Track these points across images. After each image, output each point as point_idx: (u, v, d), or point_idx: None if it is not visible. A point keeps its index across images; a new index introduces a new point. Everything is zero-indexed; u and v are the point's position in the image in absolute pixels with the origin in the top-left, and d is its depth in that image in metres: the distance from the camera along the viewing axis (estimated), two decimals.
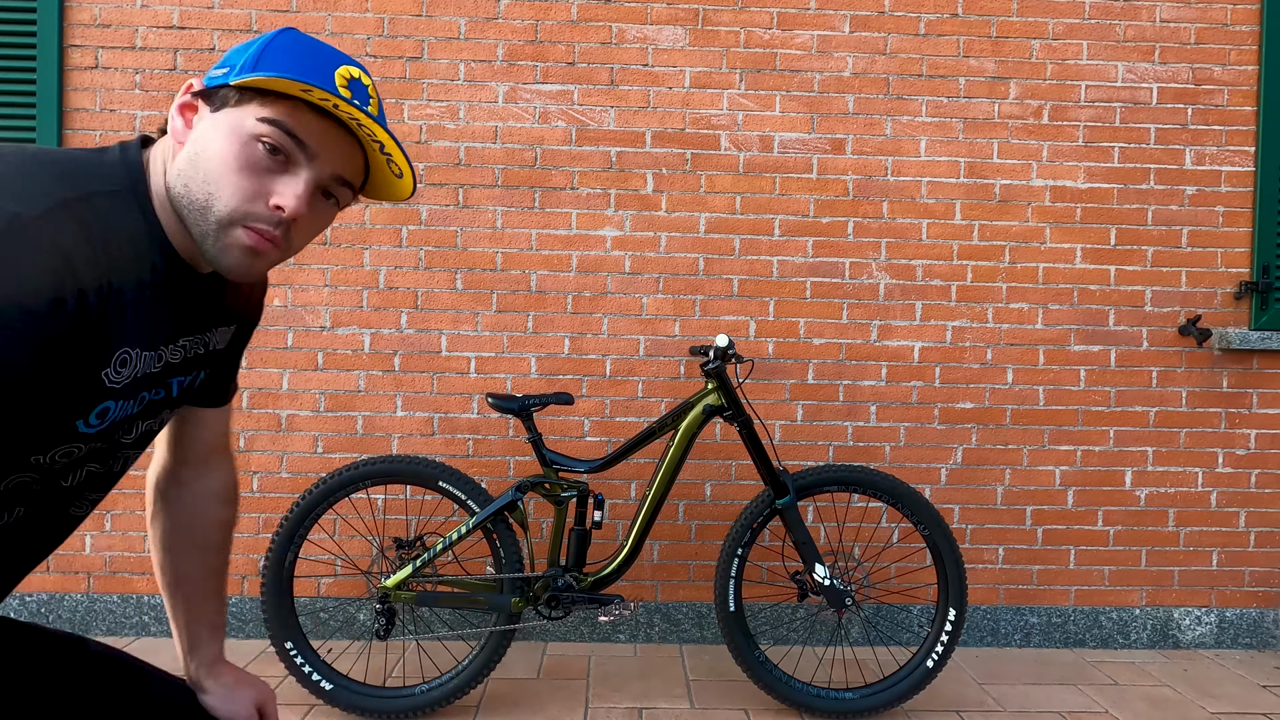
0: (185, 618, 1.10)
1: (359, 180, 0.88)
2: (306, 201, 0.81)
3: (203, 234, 0.79)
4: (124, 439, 0.88)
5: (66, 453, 0.81)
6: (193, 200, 0.79)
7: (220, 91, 0.79)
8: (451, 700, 2.23)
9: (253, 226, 0.79)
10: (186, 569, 1.10)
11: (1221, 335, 2.80)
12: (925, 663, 2.27)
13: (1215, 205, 2.85)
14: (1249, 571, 2.88)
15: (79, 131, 2.69)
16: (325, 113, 0.80)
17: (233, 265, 0.81)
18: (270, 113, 0.78)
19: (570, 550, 2.29)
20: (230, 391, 1.11)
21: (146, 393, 0.86)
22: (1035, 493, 2.85)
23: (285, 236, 0.82)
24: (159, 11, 2.70)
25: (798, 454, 2.81)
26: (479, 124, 2.76)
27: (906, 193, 2.82)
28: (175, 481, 1.10)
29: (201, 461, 1.10)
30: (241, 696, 1.08)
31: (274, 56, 0.78)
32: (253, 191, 0.78)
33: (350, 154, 0.84)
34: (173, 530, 1.10)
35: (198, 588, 1.10)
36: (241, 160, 0.78)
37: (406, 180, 0.87)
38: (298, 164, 0.80)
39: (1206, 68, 2.83)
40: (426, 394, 2.78)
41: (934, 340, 2.83)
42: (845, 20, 2.80)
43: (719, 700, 2.38)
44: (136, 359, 0.81)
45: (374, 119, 0.79)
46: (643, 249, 2.80)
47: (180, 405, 0.97)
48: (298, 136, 0.79)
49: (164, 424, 0.96)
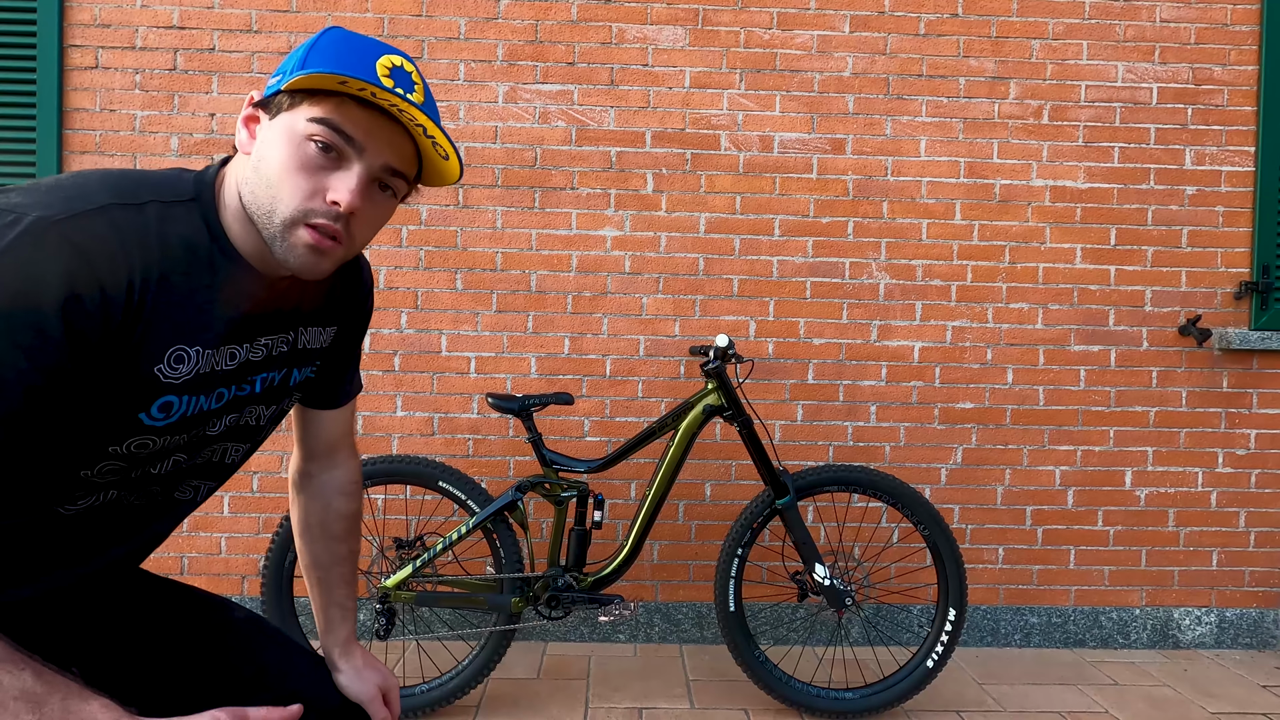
0: (320, 600, 1.19)
1: (411, 169, 0.89)
2: (360, 194, 0.83)
3: (271, 237, 0.83)
4: (209, 431, 0.93)
5: (141, 444, 0.86)
6: (259, 206, 0.83)
7: (275, 99, 0.83)
8: (451, 700, 2.23)
9: (314, 224, 0.82)
10: (318, 554, 1.19)
11: (1221, 335, 2.80)
12: (925, 663, 2.27)
13: (1215, 205, 2.85)
14: (1249, 571, 2.88)
15: (79, 131, 2.69)
16: (371, 105, 0.82)
17: (299, 264, 0.84)
18: (318, 112, 0.81)
19: (570, 550, 2.29)
20: (346, 393, 1.17)
21: (225, 389, 0.91)
22: (1035, 493, 2.85)
23: (346, 231, 0.85)
24: (159, 11, 2.70)
25: (798, 454, 2.81)
26: (479, 124, 2.76)
27: (906, 193, 2.82)
28: (305, 474, 1.19)
29: (325, 456, 1.18)
30: (369, 678, 1.15)
31: (318, 56, 0.81)
32: (310, 190, 0.82)
33: (399, 143, 0.85)
34: (304, 518, 1.19)
35: (329, 573, 1.19)
36: (297, 161, 0.81)
37: (453, 161, 0.88)
38: (349, 159, 0.83)
39: (1206, 68, 2.83)
40: (426, 394, 2.78)
41: (934, 340, 2.83)
42: (845, 20, 2.80)
43: (719, 700, 2.38)
44: (197, 356, 0.85)
45: (413, 104, 0.81)
46: (643, 249, 2.79)
47: (276, 401, 1.01)
48: (345, 132, 0.81)
49: (265, 419, 1.02)
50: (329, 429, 1.17)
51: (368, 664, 1.17)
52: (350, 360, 1.15)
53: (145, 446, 0.86)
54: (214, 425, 0.93)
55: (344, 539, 1.20)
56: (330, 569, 1.19)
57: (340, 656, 1.16)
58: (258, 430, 1.02)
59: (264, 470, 2.75)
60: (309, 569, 1.20)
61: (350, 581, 1.21)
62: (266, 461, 2.75)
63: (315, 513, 1.18)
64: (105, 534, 0.93)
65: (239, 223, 0.86)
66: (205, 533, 2.75)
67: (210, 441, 0.95)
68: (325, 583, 1.19)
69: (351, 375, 1.17)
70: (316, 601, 1.20)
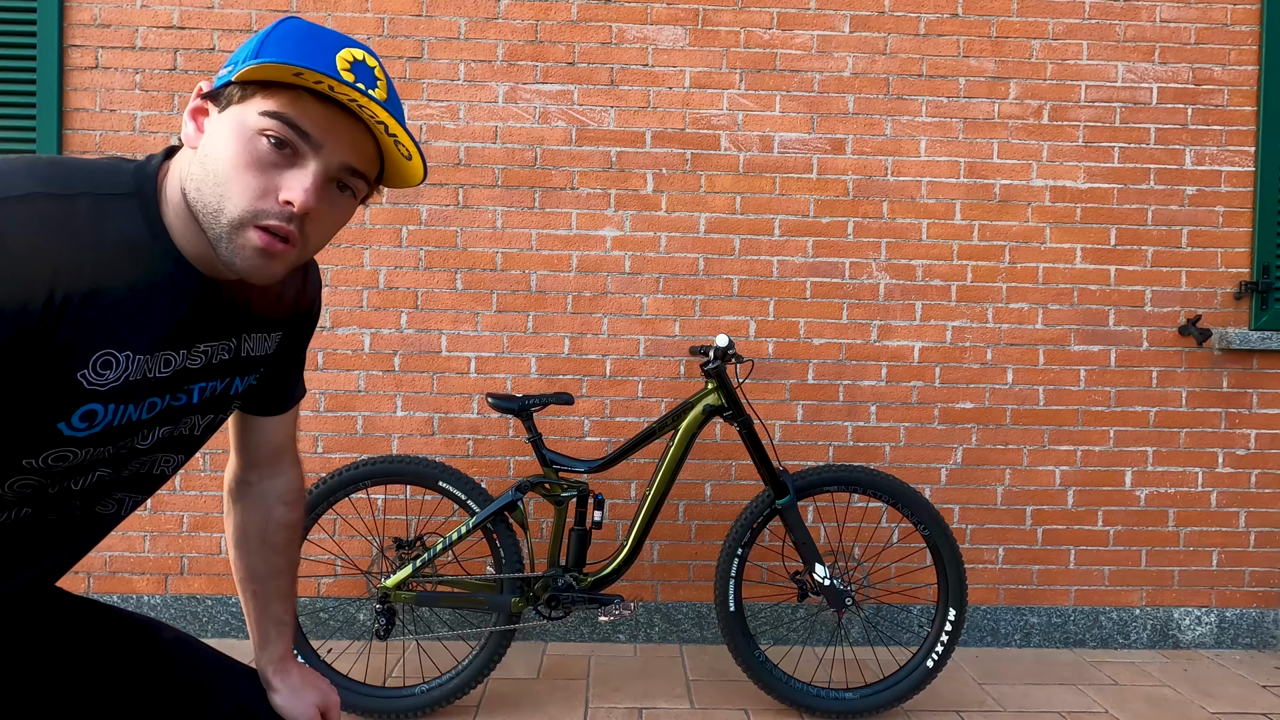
0: (256, 615, 1.13)
1: (372, 169, 0.84)
2: (315, 194, 0.78)
3: (216, 237, 0.78)
4: (138, 444, 0.86)
5: (60, 456, 0.79)
6: (205, 204, 0.77)
7: (225, 90, 0.78)
8: (451, 700, 2.23)
9: (265, 225, 0.77)
10: (255, 566, 1.13)
11: (1221, 335, 2.80)
12: (925, 663, 2.27)
13: (1215, 205, 2.85)
14: (1249, 571, 2.88)
15: (79, 131, 2.69)
16: (329, 99, 0.77)
17: (248, 268, 0.78)
18: (272, 105, 0.75)
19: (570, 550, 2.29)
20: (291, 399, 1.11)
21: (157, 398, 0.85)
22: (1035, 493, 2.85)
23: (300, 234, 0.79)
24: (159, 11, 2.70)
25: (798, 454, 2.81)
26: (479, 124, 2.76)
27: (906, 193, 2.82)
28: (243, 483, 1.13)
29: (267, 464, 1.12)
30: (306, 697, 1.10)
31: (273, 46, 0.76)
32: (261, 188, 0.76)
33: (359, 141, 0.80)
34: (241, 529, 1.13)
35: (265, 586, 1.13)
36: (247, 157, 0.76)
37: (416, 162, 0.83)
38: (304, 156, 0.78)
39: (1206, 68, 2.83)
40: (426, 394, 2.78)
41: (934, 340, 2.83)
42: (845, 20, 2.80)
43: (719, 700, 2.38)
44: (127, 362, 0.79)
45: (376, 101, 0.76)
46: (643, 249, 2.79)
47: (215, 411, 0.95)
48: (300, 127, 0.76)
49: (202, 429, 0.95)
50: (272, 436, 1.10)
51: (305, 681, 1.11)
52: (296, 366, 1.09)
53: (64, 459, 0.80)
54: (144, 437, 0.87)
55: (284, 550, 1.14)
56: (268, 582, 1.13)
57: (275, 675, 1.10)
58: (194, 441, 0.95)
59: None
60: (244, 582, 1.13)
61: (289, 596, 1.15)
62: None
63: (255, 522, 1.12)
64: (17, 554, 0.86)
65: (182, 221, 0.80)
66: (205, 533, 2.75)
67: (139, 454, 0.88)
68: (261, 596, 1.13)
69: (296, 380, 1.11)
70: (251, 617, 1.13)
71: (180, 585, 2.75)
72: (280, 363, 1.05)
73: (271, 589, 1.13)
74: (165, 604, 2.75)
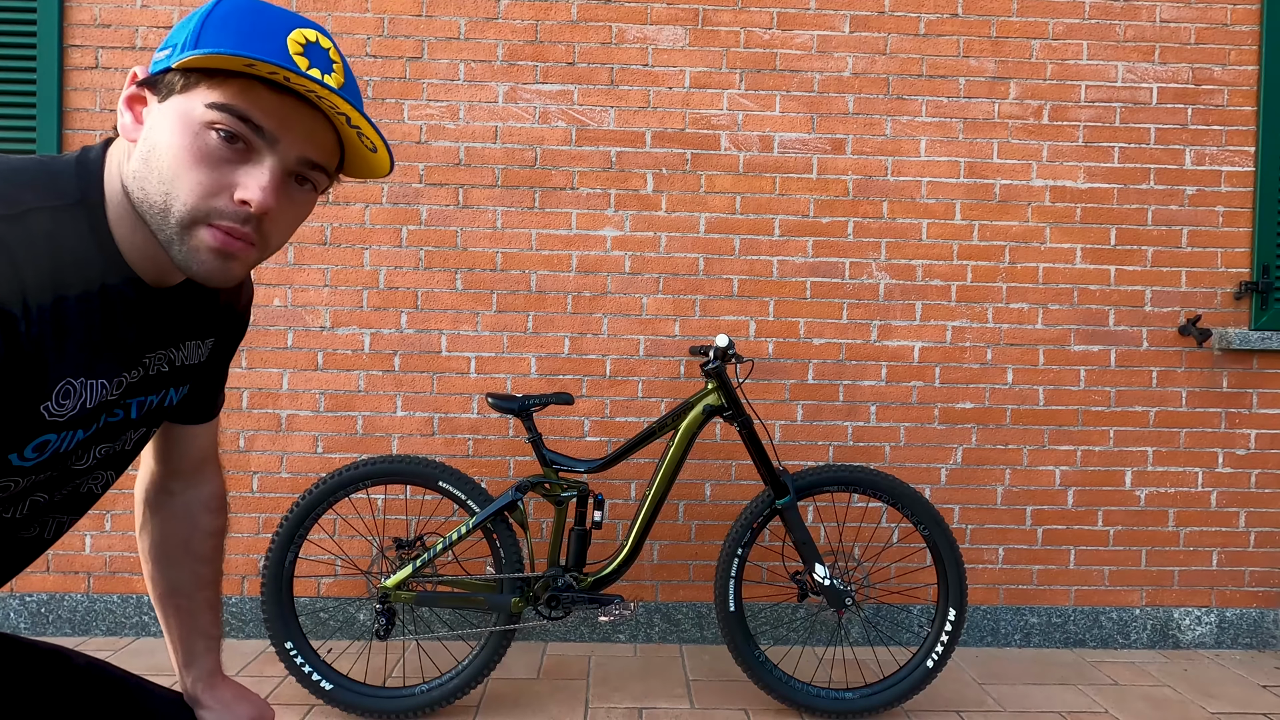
0: (180, 631, 1.06)
1: (332, 160, 0.77)
2: (274, 192, 0.72)
3: (167, 239, 0.71)
4: (76, 465, 0.82)
5: (2, 487, 0.75)
6: (151, 204, 0.71)
7: (165, 78, 0.70)
8: (451, 700, 2.23)
9: (219, 225, 0.71)
10: (178, 580, 1.07)
11: (1221, 335, 2.80)
12: (925, 663, 2.27)
13: (1215, 205, 2.85)
14: (1249, 571, 2.88)
15: (79, 131, 2.69)
16: (284, 87, 0.70)
17: (204, 271, 0.72)
18: (220, 96, 0.68)
19: (570, 550, 2.29)
20: (216, 406, 1.06)
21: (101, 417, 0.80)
22: (1035, 493, 2.85)
23: (259, 232, 0.73)
24: (159, 11, 2.70)
25: (798, 454, 2.81)
26: (479, 124, 2.76)
27: (906, 193, 2.82)
28: (164, 492, 1.06)
29: (191, 472, 1.06)
30: (241, 712, 1.05)
31: (215, 28, 0.69)
32: (212, 186, 0.70)
33: (317, 132, 0.74)
34: (163, 541, 1.06)
35: (191, 599, 1.07)
36: (195, 153, 0.69)
37: (382, 155, 0.77)
38: (259, 151, 0.71)
39: (1206, 68, 2.83)
40: (426, 394, 2.78)
41: (934, 340, 2.83)
42: (845, 20, 2.80)
43: (719, 700, 2.38)
44: (82, 389, 0.74)
45: (334, 91, 0.69)
46: (643, 249, 2.79)
47: (150, 424, 0.90)
48: (253, 120, 0.70)
49: (133, 443, 0.90)
50: (198, 444, 1.05)
51: (238, 696, 1.06)
52: (224, 372, 1.04)
53: (5, 489, 0.75)
54: (82, 458, 0.81)
55: (209, 560, 1.09)
56: (194, 594, 1.07)
57: (205, 691, 1.04)
58: (126, 456, 0.90)
59: (264, 470, 2.75)
60: (165, 597, 1.06)
61: (215, 607, 1.09)
62: (267, 462, 2.75)
63: (177, 533, 1.06)
64: None
65: (127, 224, 0.73)
66: None
67: (75, 476, 0.83)
68: (187, 610, 1.06)
69: (223, 387, 1.06)
70: (174, 634, 1.06)
71: None
72: (211, 370, 1.00)
73: (199, 601, 1.07)
74: None
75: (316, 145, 0.74)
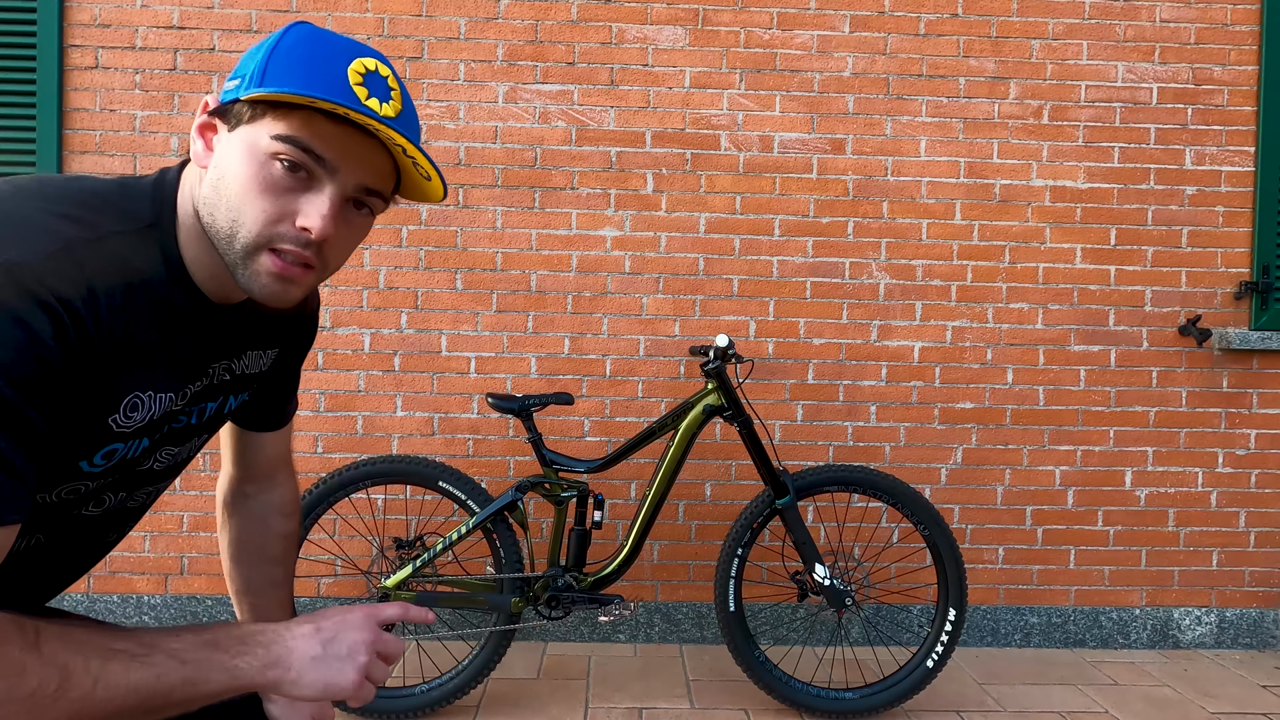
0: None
1: (389, 185, 0.82)
2: (333, 220, 0.76)
3: (232, 263, 0.76)
4: (140, 468, 0.87)
5: (73, 490, 0.80)
6: (219, 229, 0.76)
7: (234, 107, 0.75)
8: (451, 700, 2.23)
9: (280, 249, 0.75)
10: (252, 579, 1.13)
11: (1221, 335, 2.80)
12: (925, 663, 2.27)
13: (1215, 205, 2.85)
14: (1249, 571, 2.88)
15: (79, 131, 2.69)
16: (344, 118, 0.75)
17: (265, 294, 0.77)
18: (284, 128, 0.73)
19: (570, 550, 2.29)
20: (287, 414, 1.11)
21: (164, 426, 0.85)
22: (1035, 493, 2.85)
23: (319, 256, 0.78)
24: (159, 11, 2.70)
25: (798, 454, 2.81)
26: (479, 124, 2.76)
27: (906, 193, 2.82)
28: (240, 495, 1.12)
29: (264, 477, 1.12)
30: (302, 708, 1.08)
31: (281, 62, 0.73)
32: (276, 214, 0.74)
33: (376, 160, 0.78)
34: (238, 541, 1.13)
35: (262, 597, 1.13)
36: (261, 182, 0.74)
37: (435, 183, 0.81)
38: (320, 179, 0.75)
39: (1206, 68, 2.83)
40: (426, 394, 2.78)
41: (934, 340, 2.83)
42: (845, 20, 2.79)
43: (719, 700, 2.38)
44: (150, 401, 0.79)
45: (390, 124, 0.74)
46: (643, 249, 2.79)
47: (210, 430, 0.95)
48: (314, 151, 0.74)
49: (195, 451, 0.95)
50: (270, 450, 1.11)
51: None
52: (293, 381, 1.09)
53: (76, 492, 0.80)
54: (145, 463, 0.87)
55: (281, 561, 1.14)
56: (266, 593, 1.13)
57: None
58: (180, 466, 0.96)
59: None
60: (241, 595, 1.13)
61: (286, 606, 1.15)
62: None
63: (252, 534, 1.12)
64: (27, 580, 0.86)
65: (196, 245, 0.79)
66: (205, 533, 2.75)
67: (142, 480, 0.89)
68: (259, 609, 1.13)
69: (293, 395, 1.11)
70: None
71: (180, 585, 2.75)
72: (276, 379, 1.05)
73: (270, 600, 1.13)
74: (165, 604, 2.75)
75: (374, 173, 0.79)
